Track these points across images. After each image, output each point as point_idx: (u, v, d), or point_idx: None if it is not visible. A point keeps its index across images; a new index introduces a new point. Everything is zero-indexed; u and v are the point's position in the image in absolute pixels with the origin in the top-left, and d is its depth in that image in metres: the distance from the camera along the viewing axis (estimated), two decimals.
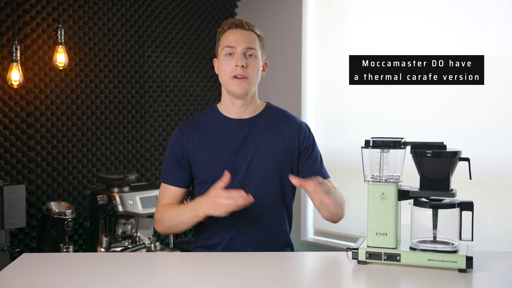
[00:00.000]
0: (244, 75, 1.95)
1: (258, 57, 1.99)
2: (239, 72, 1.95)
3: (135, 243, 3.02)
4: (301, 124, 2.09)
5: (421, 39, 3.18)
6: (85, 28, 3.23)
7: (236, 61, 1.95)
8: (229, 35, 1.98)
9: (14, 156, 2.97)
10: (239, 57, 1.95)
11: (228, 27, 2.00)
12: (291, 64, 3.72)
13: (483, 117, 2.95)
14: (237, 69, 1.95)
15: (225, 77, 1.98)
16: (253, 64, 1.97)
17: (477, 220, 1.74)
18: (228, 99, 2.02)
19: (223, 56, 1.98)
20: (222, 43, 2.00)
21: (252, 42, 1.97)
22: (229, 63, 1.96)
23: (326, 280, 1.71)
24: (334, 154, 3.51)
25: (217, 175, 1.95)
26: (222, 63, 1.99)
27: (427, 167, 1.75)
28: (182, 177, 2.04)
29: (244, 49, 1.96)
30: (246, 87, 1.96)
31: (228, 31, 1.99)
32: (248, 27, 1.99)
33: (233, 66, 1.95)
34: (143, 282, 1.62)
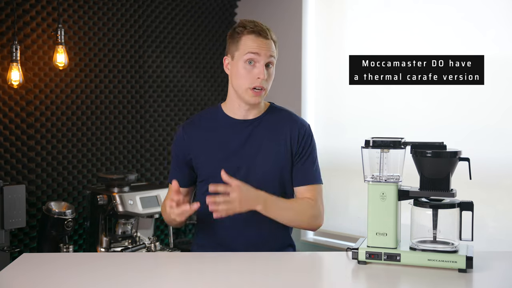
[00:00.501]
0: (262, 87, 1.93)
1: (274, 65, 1.98)
2: (259, 84, 1.92)
3: (135, 243, 3.02)
4: (303, 123, 2.06)
5: (421, 39, 3.18)
6: (85, 28, 3.23)
7: (259, 73, 1.91)
8: (251, 41, 1.92)
9: (14, 156, 2.97)
10: (262, 68, 1.91)
11: (250, 32, 1.93)
12: (291, 64, 3.71)
13: (483, 117, 2.95)
14: (258, 80, 1.92)
15: (242, 85, 1.94)
16: (271, 75, 1.96)
17: (477, 220, 1.74)
18: (236, 101, 2.00)
19: (243, 62, 1.93)
20: (242, 47, 1.93)
21: (273, 51, 1.95)
22: (249, 72, 1.92)
23: (326, 280, 1.71)
24: (334, 154, 3.51)
25: (218, 174, 1.95)
26: (241, 70, 1.93)
27: (427, 167, 1.75)
28: (183, 177, 2.04)
29: (267, 59, 1.93)
30: (261, 98, 1.96)
31: (248, 36, 1.93)
32: (270, 35, 1.95)
33: (254, 77, 1.92)
34: (143, 282, 1.62)
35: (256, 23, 1.96)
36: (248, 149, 1.99)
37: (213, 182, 1.96)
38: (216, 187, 1.84)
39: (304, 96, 3.69)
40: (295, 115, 2.09)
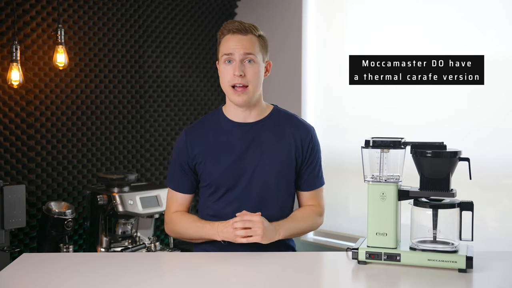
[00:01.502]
0: (243, 84, 1.92)
1: (257, 61, 1.95)
2: (238, 81, 1.92)
3: (135, 243, 3.02)
4: (308, 129, 2.06)
5: (421, 39, 3.18)
6: (85, 28, 3.23)
7: (234, 69, 1.92)
8: (227, 41, 1.94)
9: (14, 156, 2.97)
10: (237, 66, 1.91)
11: (227, 32, 1.95)
12: (291, 64, 3.72)
13: (483, 117, 2.95)
14: (235, 78, 1.92)
15: (225, 86, 1.96)
16: (252, 70, 1.93)
17: (477, 220, 1.74)
18: (231, 105, 2.01)
19: (222, 63, 1.96)
20: (221, 49, 1.97)
21: (250, 47, 1.93)
22: (227, 71, 1.94)
23: (326, 280, 1.71)
24: (334, 154, 3.51)
25: (222, 179, 1.96)
26: (222, 70, 1.96)
27: (427, 167, 1.75)
28: (187, 183, 2.04)
29: (242, 56, 1.92)
30: (246, 97, 1.94)
31: (226, 36, 1.95)
32: (246, 30, 1.94)
33: (231, 75, 1.93)
34: (143, 282, 1.62)
35: (235, 22, 1.96)
36: (251, 153, 1.98)
37: (217, 187, 1.96)
38: (242, 217, 1.86)
39: (304, 96, 3.69)
40: (299, 119, 2.08)
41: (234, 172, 1.97)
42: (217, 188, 1.99)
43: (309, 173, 2.05)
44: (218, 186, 1.98)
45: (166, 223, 2.09)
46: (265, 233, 1.85)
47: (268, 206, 1.98)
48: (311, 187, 2.07)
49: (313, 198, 2.08)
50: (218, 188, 1.99)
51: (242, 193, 1.98)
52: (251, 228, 1.84)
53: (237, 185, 1.97)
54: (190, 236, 2.01)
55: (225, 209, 1.99)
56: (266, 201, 1.98)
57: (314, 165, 2.05)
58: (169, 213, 2.08)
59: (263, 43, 1.99)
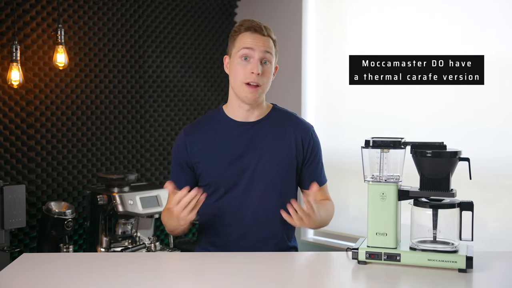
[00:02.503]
0: (257, 83, 1.92)
1: (272, 63, 1.96)
2: (253, 80, 1.91)
3: (135, 243, 3.02)
4: (308, 128, 2.07)
5: (421, 39, 3.18)
6: (85, 28, 3.23)
7: (253, 68, 1.90)
8: (246, 37, 1.93)
9: (14, 156, 2.97)
10: (256, 63, 1.91)
11: (246, 29, 1.94)
12: (291, 64, 3.72)
13: (483, 117, 2.95)
14: (252, 76, 1.91)
15: (237, 82, 1.94)
16: (268, 71, 1.94)
17: (477, 220, 1.74)
18: (235, 102, 1.99)
19: (238, 58, 1.93)
20: (238, 44, 1.94)
21: (269, 48, 1.94)
22: (244, 68, 1.92)
23: (326, 280, 1.71)
24: (334, 154, 3.51)
25: (222, 178, 1.95)
26: (236, 66, 1.94)
27: (427, 167, 1.75)
28: (185, 182, 2.00)
29: (262, 54, 1.92)
30: (257, 95, 1.94)
31: (245, 33, 1.94)
32: (266, 32, 1.95)
33: (248, 72, 1.91)
34: (143, 282, 1.62)
35: (254, 21, 1.96)
36: (252, 152, 1.98)
37: (217, 186, 1.96)
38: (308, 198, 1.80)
39: (304, 96, 3.69)
40: (299, 118, 2.09)
41: (234, 171, 1.96)
42: (217, 188, 1.98)
43: (312, 171, 2.06)
44: (218, 185, 1.98)
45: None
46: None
47: (269, 205, 1.98)
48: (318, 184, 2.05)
49: (321, 194, 2.09)
50: (218, 188, 1.98)
51: (243, 192, 1.97)
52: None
53: (238, 184, 1.97)
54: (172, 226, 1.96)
55: (226, 208, 1.99)
56: (267, 200, 1.98)
57: (316, 162, 2.06)
58: (163, 210, 2.07)
59: (277, 47, 2.01)
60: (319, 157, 2.09)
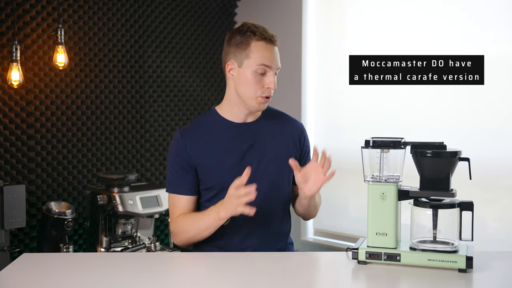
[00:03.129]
0: (270, 95, 1.94)
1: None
2: (269, 94, 1.93)
3: (135, 243, 3.02)
4: (301, 125, 2.10)
5: (421, 39, 3.18)
6: (85, 28, 3.23)
7: (270, 83, 1.90)
8: (264, 50, 1.90)
9: (14, 156, 2.97)
10: (273, 78, 1.91)
11: (260, 38, 1.90)
12: (291, 64, 3.71)
13: (483, 117, 2.95)
14: (267, 90, 1.92)
15: (250, 93, 1.91)
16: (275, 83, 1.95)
17: (477, 220, 1.74)
18: (236, 106, 1.97)
19: (253, 71, 1.89)
20: (253, 56, 1.88)
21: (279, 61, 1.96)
22: (259, 82, 1.90)
23: (326, 280, 1.71)
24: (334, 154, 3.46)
25: (226, 180, 1.91)
26: (250, 78, 1.90)
27: (427, 167, 1.75)
28: (192, 184, 1.96)
29: (277, 70, 1.94)
30: (267, 104, 1.98)
31: (259, 43, 1.90)
32: (277, 42, 1.95)
33: (263, 86, 1.91)
34: (143, 282, 1.62)
35: (264, 29, 1.93)
36: (252, 152, 1.97)
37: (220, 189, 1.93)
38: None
39: (304, 96, 3.69)
40: (290, 116, 2.12)
41: (236, 173, 1.94)
42: (219, 191, 1.95)
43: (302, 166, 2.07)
44: (220, 188, 1.94)
45: (173, 235, 1.96)
46: None
47: (272, 204, 1.98)
48: None
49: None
50: (220, 191, 1.94)
51: None
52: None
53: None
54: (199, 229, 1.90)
55: None
56: (270, 199, 1.98)
57: (306, 159, 2.08)
58: (173, 221, 1.96)
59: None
60: (309, 154, 2.12)
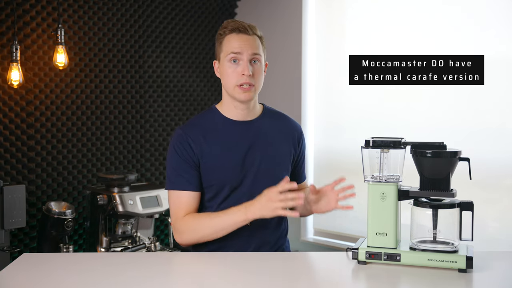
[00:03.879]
0: (250, 83, 1.91)
1: (261, 61, 1.95)
2: (246, 81, 1.90)
3: (135, 243, 3.02)
4: (298, 125, 2.12)
5: (421, 39, 3.18)
6: (85, 28, 3.23)
7: (243, 70, 1.90)
8: (233, 40, 1.92)
9: (14, 156, 2.97)
10: (246, 65, 1.90)
11: (231, 31, 1.93)
12: (291, 64, 3.72)
13: (483, 117, 2.95)
14: (243, 77, 1.90)
15: (230, 85, 1.93)
16: (258, 70, 1.93)
17: (477, 220, 1.74)
18: (231, 103, 1.98)
19: (227, 62, 1.92)
20: (225, 48, 1.93)
21: (256, 48, 1.92)
22: (234, 71, 1.91)
23: (326, 280, 1.71)
24: (334, 154, 3.51)
25: (228, 178, 1.93)
26: (227, 70, 1.93)
27: (427, 167, 1.75)
28: (196, 179, 1.94)
29: (250, 56, 1.91)
30: (252, 94, 1.93)
31: (230, 35, 1.93)
32: (252, 31, 1.93)
33: (239, 74, 1.91)
34: (143, 282, 1.62)
35: (237, 21, 1.95)
36: (254, 151, 1.97)
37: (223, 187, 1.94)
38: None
39: (304, 96, 3.69)
40: (289, 117, 2.13)
41: (239, 171, 1.95)
42: (220, 189, 1.95)
43: (299, 167, 2.12)
44: (222, 187, 1.94)
45: (179, 233, 1.92)
46: None
47: None
48: (301, 179, 2.14)
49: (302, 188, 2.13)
50: (222, 189, 1.95)
51: (247, 193, 1.96)
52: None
53: (242, 185, 1.95)
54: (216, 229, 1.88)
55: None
56: None
57: (303, 159, 2.13)
58: (179, 219, 1.92)
59: (264, 43, 2.00)
60: (305, 155, 2.16)
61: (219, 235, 1.89)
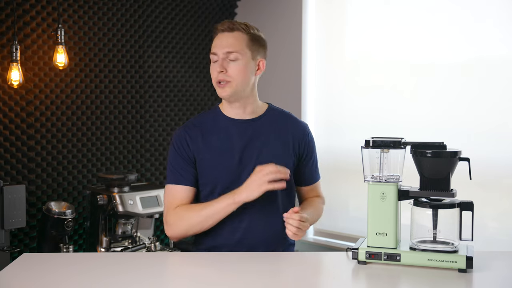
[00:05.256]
0: (226, 80, 1.95)
1: (242, 59, 1.95)
2: (221, 78, 1.95)
3: (135, 243, 3.02)
4: (304, 126, 2.10)
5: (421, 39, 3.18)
6: (85, 28, 3.23)
7: (215, 67, 1.97)
8: (215, 40, 1.99)
9: (14, 156, 2.97)
10: (220, 63, 1.95)
11: (215, 32, 2.00)
12: (291, 64, 3.72)
13: (483, 117, 2.95)
14: (219, 74, 1.95)
15: (213, 83, 2.00)
16: (235, 68, 1.95)
17: (477, 220, 1.74)
18: (225, 101, 2.04)
19: (211, 62, 2.00)
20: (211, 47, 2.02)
21: (233, 45, 1.95)
22: (213, 69, 1.98)
23: (326, 280, 1.71)
24: (334, 154, 3.51)
25: (223, 177, 1.95)
26: (210, 68, 2.01)
27: (427, 167, 1.75)
28: (192, 175, 1.99)
29: (224, 54, 1.95)
30: (229, 90, 1.95)
31: (217, 36, 2.00)
32: (234, 28, 1.97)
33: (215, 72, 1.97)
34: (143, 282, 1.62)
35: (226, 22, 2.00)
36: (251, 150, 1.99)
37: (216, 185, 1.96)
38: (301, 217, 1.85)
39: (304, 96, 3.69)
40: (294, 117, 2.12)
41: (235, 168, 1.96)
42: (215, 186, 1.97)
43: (308, 168, 2.10)
44: (216, 184, 1.97)
45: (169, 225, 1.96)
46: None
47: (270, 203, 1.98)
48: (311, 181, 2.12)
49: (313, 190, 2.15)
50: (216, 186, 1.97)
51: None
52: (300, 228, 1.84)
53: (237, 182, 1.96)
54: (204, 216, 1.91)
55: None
56: (267, 198, 1.98)
57: (312, 160, 2.11)
58: (170, 212, 1.96)
59: (256, 41, 1.99)
60: (315, 155, 2.13)
61: (208, 223, 1.93)
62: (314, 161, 2.12)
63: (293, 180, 2.06)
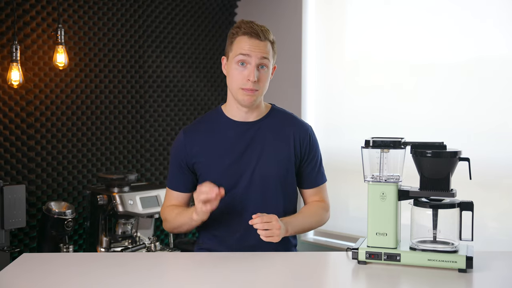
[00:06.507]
0: (254, 88, 1.91)
1: (269, 66, 1.94)
2: (250, 86, 1.90)
3: (135, 243, 3.02)
4: (307, 128, 2.07)
5: (421, 39, 3.18)
6: (85, 28, 3.23)
7: (249, 75, 1.89)
8: (244, 42, 1.91)
9: (14, 156, 2.97)
10: (253, 70, 1.89)
11: (243, 33, 1.91)
12: (291, 65, 3.72)
13: (483, 117, 2.95)
14: (248, 82, 1.90)
15: (234, 86, 1.94)
16: (264, 76, 1.93)
17: (477, 220, 1.74)
18: (234, 104, 1.99)
19: (235, 63, 1.92)
20: (235, 49, 1.92)
21: (266, 53, 1.91)
22: (240, 73, 1.91)
23: (326, 280, 1.71)
24: (334, 155, 3.51)
25: (222, 178, 1.94)
26: (233, 71, 1.93)
27: (427, 167, 1.75)
28: (184, 183, 2.04)
29: (258, 61, 1.90)
30: (254, 98, 1.93)
31: (242, 37, 1.91)
32: (264, 36, 1.92)
33: (244, 78, 1.90)
34: (143, 282, 1.62)
35: (253, 24, 1.93)
36: (251, 151, 1.98)
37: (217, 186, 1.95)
38: (262, 219, 1.82)
39: (304, 97, 3.69)
40: (297, 118, 2.09)
41: (234, 171, 1.96)
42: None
43: (310, 170, 2.06)
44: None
45: (163, 221, 2.11)
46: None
47: (270, 205, 1.98)
48: (313, 184, 2.09)
49: (317, 194, 2.10)
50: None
51: (243, 192, 1.97)
52: (269, 229, 1.82)
53: (238, 184, 1.96)
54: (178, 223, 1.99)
55: (226, 210, 1.98)
56: (267, 200, 1.98)
57: (314, 162, 2.07)
58: (163, 208, 2.09)
59: (275, 48, 1.98)
60: (318, 157, 2.09)
61: (182, 230, 2.02)
62: (317, 163, 2.08)
63: (295, 182, 2.05)
